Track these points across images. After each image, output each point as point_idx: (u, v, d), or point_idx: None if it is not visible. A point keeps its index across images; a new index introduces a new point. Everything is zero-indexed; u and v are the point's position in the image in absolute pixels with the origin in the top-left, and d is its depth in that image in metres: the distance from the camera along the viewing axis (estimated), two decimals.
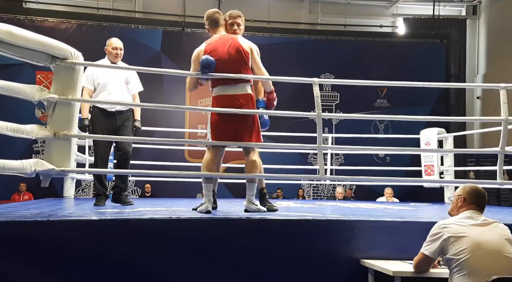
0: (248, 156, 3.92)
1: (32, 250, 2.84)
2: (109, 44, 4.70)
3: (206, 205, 3.67)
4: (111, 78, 4.60)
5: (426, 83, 4.83)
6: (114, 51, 4.66)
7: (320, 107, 3.94)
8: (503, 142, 4.18)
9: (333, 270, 3.25)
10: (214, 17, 4.01)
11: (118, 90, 4.61)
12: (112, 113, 4.60)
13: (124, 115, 4.66)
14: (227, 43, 3.87)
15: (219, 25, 4.02)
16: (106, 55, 4.72)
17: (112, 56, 4.67)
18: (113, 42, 4.70)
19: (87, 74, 4.52)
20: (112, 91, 4.59)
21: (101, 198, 4.58)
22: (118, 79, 4.63)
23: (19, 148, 9.34)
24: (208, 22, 4.06)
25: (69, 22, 11.22)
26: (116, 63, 4.66)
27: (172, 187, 8.64)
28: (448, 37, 12.99)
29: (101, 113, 4.58)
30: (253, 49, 3.95)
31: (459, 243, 2.60)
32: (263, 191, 4.20)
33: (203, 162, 3.90)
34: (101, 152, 4.59)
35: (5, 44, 3.06)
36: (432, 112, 11.61)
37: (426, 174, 7.10)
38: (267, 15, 12.31)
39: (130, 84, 4.72)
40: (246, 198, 3.88)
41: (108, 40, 4.76)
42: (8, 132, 3.11)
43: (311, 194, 11.70)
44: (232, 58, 3.84)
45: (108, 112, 4.59)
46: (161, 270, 3.03)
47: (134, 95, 4.80)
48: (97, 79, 4.60)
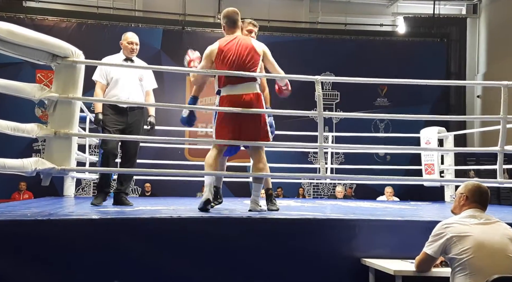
0: (255, 156, 3.93)
1: (33, 249, 2.83)
2: (124, 39, 4.59)
3: (207, 194, 3.66)
4: (124, 73, 4.50)
5: (426, 80, 4.83)
6: (130, 46, 4.55)
7: (321, 105, 3.94)
8: (502, 141, 4.17)
9: (333, 269, 3.24)
10: (234, 18, 4.01)
11: (131, 86, 4.51)
12: (124, 109, 4.50)
13: (135, 111, 4.55)
14: (240, 43, 3.90)
15: (237, 26, 4.03)
16: (122, 49, 4.61)
17: (127, 51, 4.56)
18: (128, 37, 4.58)
19: (100, 68, 4.49)
20: (125, 87, 4.49)
21: (100, 196, 4.48)
22: (132, 75, 4.53)
23: (19, 147, 9.33)
24: (226, 20, 4.04)
25: (69, 21, 11.21)
26: (131, 58, 4.57)
27: (172, 186, 8.61)
28: (449, 36, 12.98)
29: (112, 109, 4.47)
30: (265, 51, 4.01)
31: (462, 242, 2.59)
32: (269, 192, 4.21)
33: (206, 158, 3.90)
34: (110, 146, 4.44)
35: (6, 43, 3.05)
36: (432, 112, 11.60)
37: (427, 173, 7.09)
38: (267, 14, 12.29)
39: (144, 81, 4.62)
40: (251, 199, 3.88)
41: (124, 35, 4.65)
42: (9, 131, 3.10)
43: (311, 193, 11.70)
44: (243, 59, 3.86)
45: (119, 108, 4.48)
46: (161, 270, 3.02)
47: (148, 91, 4.69)
48: (110, 74, 4.50)
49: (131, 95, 4.49)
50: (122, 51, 4.62)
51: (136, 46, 4.58)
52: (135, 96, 4.52)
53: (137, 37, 4.62)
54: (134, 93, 4.52)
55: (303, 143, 4.60)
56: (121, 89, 4.48)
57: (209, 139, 3.93)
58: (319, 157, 3.95)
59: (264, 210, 3.88)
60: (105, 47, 10.82)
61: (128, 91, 4.50)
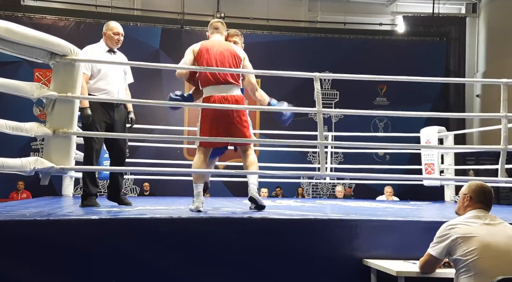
0: (245, 154, 3.96)
1: (32, 249, 2.81)
2: (109, 29, 4.35)
3: (197, 204, 3.70)
4: (111, 66, 4.34)
5: (426, 78, 4.82)
6: (116, 37, 4.34)
7: (320, 102, 3.93)
8: (504, 139, 4.14)
9: (335, 269, 3.22)
10: (216, 25, 4.16)
11: (117, 79, 4.37)
12: (111, 105, 4.32)
13: (120, 107, 4.40)
14: (222, 45, 4.01)
15: (218, 31, 4.13)
16: (103, 39, 4.37)
17: (112, 42, 4.34)
18: (114, 27, 4.36)
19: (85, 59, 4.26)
20: (112, 80, 4.32)
21: (93, 199, 4.27)
22: (118, 68, 4.39)
23: (17, 147, 9.30)
24: (209, 29, 4.19)
25: (67, 20, 11.17)
26: (114, 50, 4.39)
27: (171, 185, 8.59)
28: (448, 35, 12.96)
29: (100, 104, 4.26)
30: (246, 57, 4.08)
31: (467, 244, 2.56)
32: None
33: (193, 163, 3.93)
34: (97, 147, 4.27)
35: (4, 41, 3.03)
36: (432, 111, 11.49)
37: (427, 172, 7.08)
38: (267, 13, 12.26)
39: (127, 74, 4.52)
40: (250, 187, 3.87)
41: (108, 24, 4.41)
42: (8, 130, 3.08)
43: (310, 192, 11.69)
44: (225, 60, 3.93)
45: (107, 103, 4.29)
46: (161, 270, 3.00)
47: (127, 86, 4.56)
48: (97, 66, 4.28)
49: (117, 88, 4.35)
50: (105, 41, 4.36)
51: (121, 37, 4.37)
52: (122, 91, 4.40)
53: (121, 27, 4.41)
54: (121, 88, 4.40)
55: (303, 141, 4.58)
56: (110, 83, 4.31)
57: (208, 137, 3.92)
58: (320, 154, 3.93)
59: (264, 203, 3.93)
60: None
61: (116, 86, 4.35)
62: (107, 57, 4.32)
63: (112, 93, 4.31)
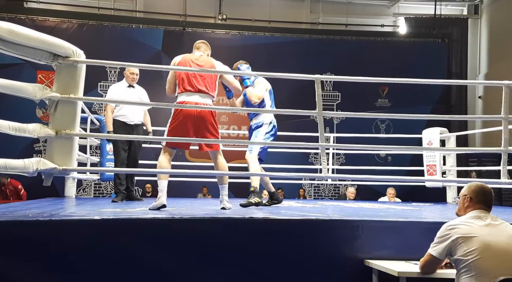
0: (216, 159, 4.26)
1: (34, 250, 2.82)
2: (128, 70, 5.68)
3: (161, 199, 4.00)
4: (129, 97, 5.56)
5: (428, 80, 4.81)
6: (131, 76, 5.66)
7: (321, 104, 3.93)
8: (505, 141, 4.14)
9: (336, 270, 3.23)
10: (197, 45, 4.45)
11: (135, 107, 5.66)
12: (131, 125, 5.59)
13: (139, 127, 5.69)
14: (201, 59, 4.28)
15: (200, 51, 4.38)
16: (124, 78, 5.72)
17: (129, 79, 5.68)
18: (131, 68, 5.67)
19: (110, 95, 5.63)
20: (129, 108, 5.61)
21: (119, 195, 5.51)
22: (135, 98, 5.61)
23: (19, 148, 9.31)
24: (194, 48, 4.46)
25: (70, 22, 11.19)
26: (133, 85, 5.68)
27: (173, 186, 8.57)
28: (450, 36, 12.94)
29: (122, 125, 5.54)
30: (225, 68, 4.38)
31: (468, 244, 2.56)
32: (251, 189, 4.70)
33: (158, 162, 4.20)
34: (122, 157, 5.54)
35: (7, 43, 3.04)
36: (433, 112, 11.55)
37: (429, 174, 7.07)
38: (268, 15, 12.27)
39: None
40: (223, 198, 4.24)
41: (128, 68, 5.69)
42: (11, 131, 3.09)
43: (312, 194, 11.68)
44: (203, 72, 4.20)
45: (127, 124, 5.58)
46: (163, 270, 3.01)
47: (145, 111, 5.85)
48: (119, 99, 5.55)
49: (135, 113, 5.63)
50: (125, 79, 5.71)
51: (136, 76, 5.67)
52: (138, 115, 5.69)
53: (137, 69, 5.68)
54: (137, 112, 5.68)
55: (304, 143, 4.58)
56: (128, 110, 5.61)
57: (208, 139, 3.99)
58: (321, 156, 3.94)
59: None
60: (106, 48, 10.92)
61: (132, 111, 5.63)
62: (127, 91, 5.63)
63: (128, 116, 5.61)
